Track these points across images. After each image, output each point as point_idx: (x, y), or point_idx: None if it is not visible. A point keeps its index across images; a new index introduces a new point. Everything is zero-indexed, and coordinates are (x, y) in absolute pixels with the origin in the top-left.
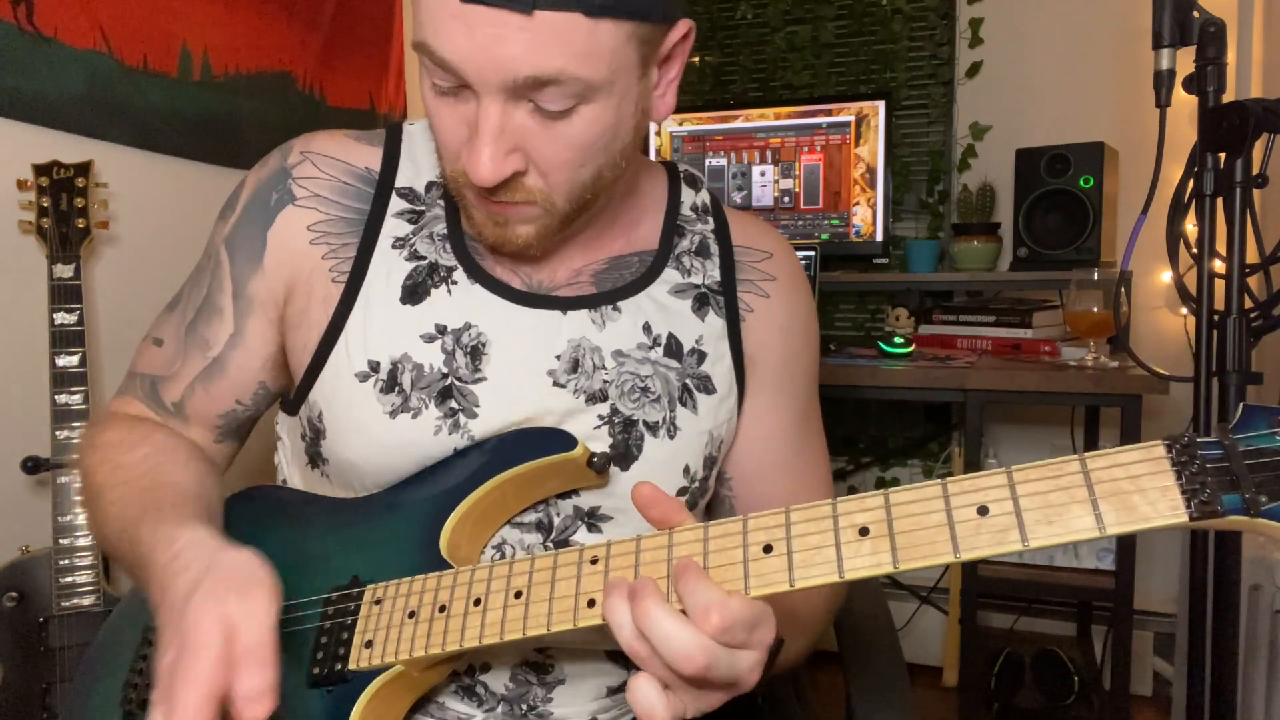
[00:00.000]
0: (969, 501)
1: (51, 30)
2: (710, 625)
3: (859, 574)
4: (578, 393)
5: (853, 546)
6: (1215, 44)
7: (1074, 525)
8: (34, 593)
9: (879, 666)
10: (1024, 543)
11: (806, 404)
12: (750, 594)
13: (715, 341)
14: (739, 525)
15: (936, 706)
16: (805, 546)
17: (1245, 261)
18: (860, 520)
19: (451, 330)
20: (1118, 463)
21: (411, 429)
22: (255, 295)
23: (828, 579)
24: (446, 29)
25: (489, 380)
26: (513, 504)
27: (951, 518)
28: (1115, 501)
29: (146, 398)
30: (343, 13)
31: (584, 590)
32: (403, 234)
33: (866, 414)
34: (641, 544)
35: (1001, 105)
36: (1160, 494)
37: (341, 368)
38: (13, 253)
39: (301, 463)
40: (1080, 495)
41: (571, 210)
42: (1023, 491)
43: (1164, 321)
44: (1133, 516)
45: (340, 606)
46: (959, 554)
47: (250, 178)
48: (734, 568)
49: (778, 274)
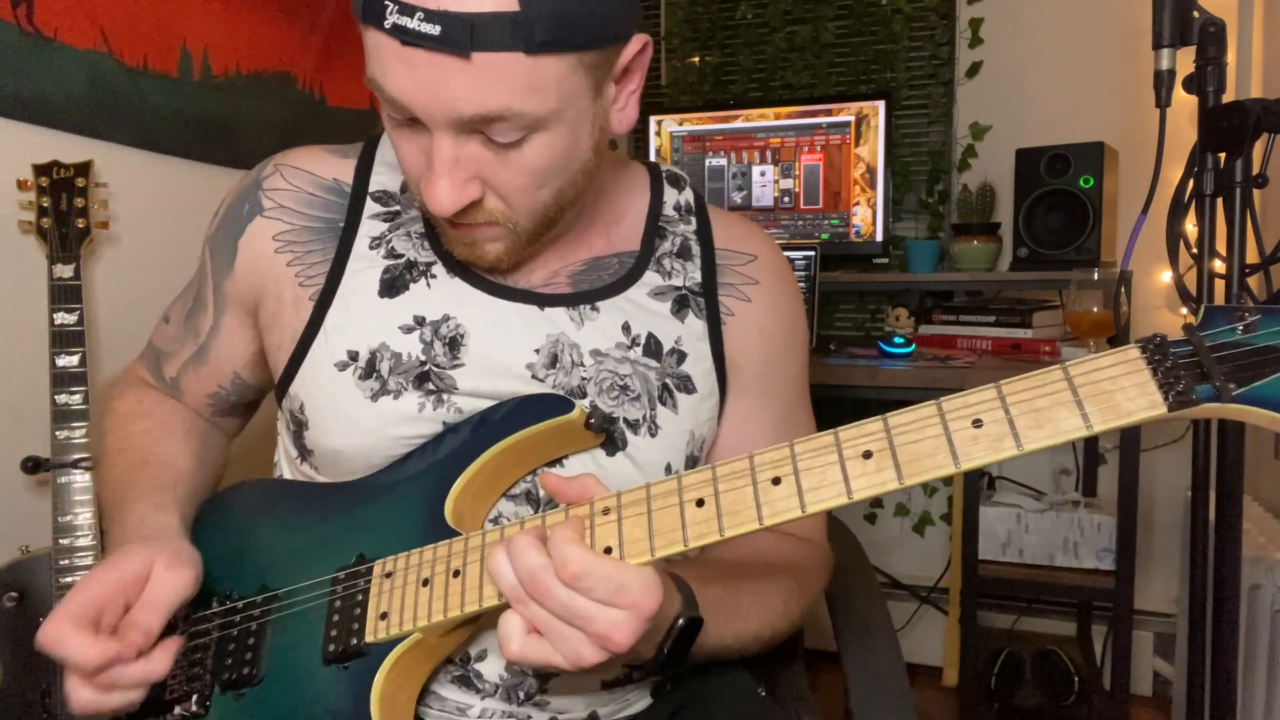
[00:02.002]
0: (963, 415)
1: (51, 30)
2: (565, 571)
3: (866, 493)
4: (557, 388)
5: (857, 466)
6: (1215, 44)
7: (1063, 426)
8: (34, 593)
9: (879, 666)
10: (1019, 447)
11: (791, 408)
12: (764, 524)
13: (695, 342)
14: (746, 463)
15: (936, 706)
16: (812, 470)
17: (1245, 261)
18: (863, 445)
19: (430, 321)
20: (1097, 367)
21: (394, 409)
22: (229, 295)
23: (838, 501)
24: (391, 69)
25: (466, 366)
26: (512, 472)
27: (949, 430)
28: (1099, 401)
29: (152, 368)
30: (343, 13)
31: (598, 541)
32: (378, 233)
33: (866, 414)
34: (651, 490)
35: (1001, 105)
36: (1138, 390)
37: (321, 359)
38: (13, 253)
39: (290, 457)
40: (1065, 399)
41: (536, 228)
42: (1012, 401)
43: (1164, 321)
44: (1116, 412)
45: (350, 584)
46: (959, 463)
47: (234, 185)
48: (745, 496)
49: (760, 277)
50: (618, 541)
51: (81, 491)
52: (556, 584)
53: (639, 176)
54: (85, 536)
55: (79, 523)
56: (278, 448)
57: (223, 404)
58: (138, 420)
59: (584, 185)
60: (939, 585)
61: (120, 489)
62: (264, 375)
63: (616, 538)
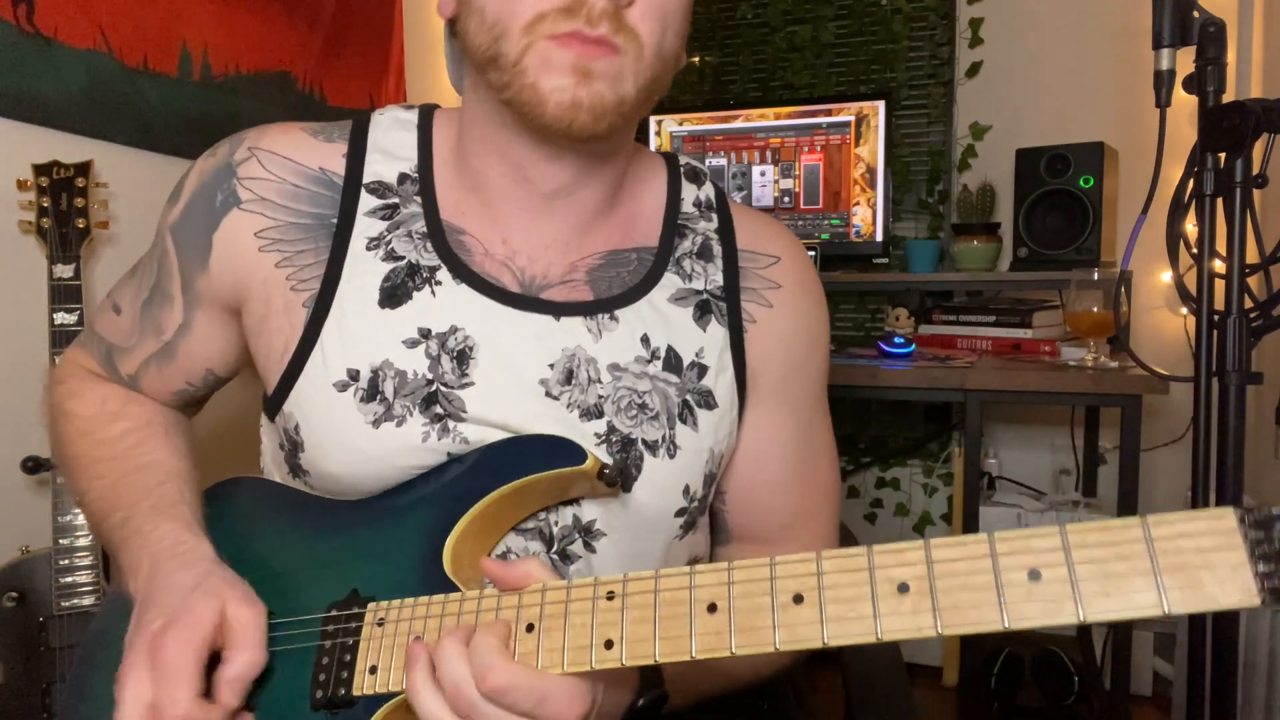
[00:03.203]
0: (1019, 564)
1: (51, 30)
2: (486, 685)
3: (897, 636)
4: (571, 406)
5: (891, 602)
6: (1215, 44)
7: (1135, 601)
8: (34, 593)
9: (879, 666)
10: (1080, 616)
11: (810, 417)
12: (780, 648)
13: (717, 353)
14: (766, 570)
15: (936, 706)
16: (839, 599)
17: (1245, 261)
18: (898, 575)
19: (436, 334)
20: (1185, 532)
21: (396, 438)
22: (202, 293)
23: (864, 638)
24: None
25: (476, 385)
26: (516, 514)
27: (999, 580)
28: (1180, 577)
29: (104, 363)
30: (343, 13)
31: (599, 635)
32: (376, 233)
33: (866, 414)
34: (660, 583)
35: (1001, 105)
36: (1230, 572)
37: (318, 379)
38: (13, 253)
39: (283, 471)
40: (1142, 566)
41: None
42: (1079, 557)
43: (1164, 321)
44: (1199, 596)
45: (342, 626)
46: (1008, 623)
47: (197, 165)
48: (762, 615)
49: (783, 280)
50: (620, 638)
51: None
52: (480, 699)
53: (656, 167)
54: (85, 536)
55: (79, 523)
56: (264, 453)
57: (189, 398)
58: (111, 422)
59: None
60: None
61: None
62: (239, 366)
63: (619, 633)
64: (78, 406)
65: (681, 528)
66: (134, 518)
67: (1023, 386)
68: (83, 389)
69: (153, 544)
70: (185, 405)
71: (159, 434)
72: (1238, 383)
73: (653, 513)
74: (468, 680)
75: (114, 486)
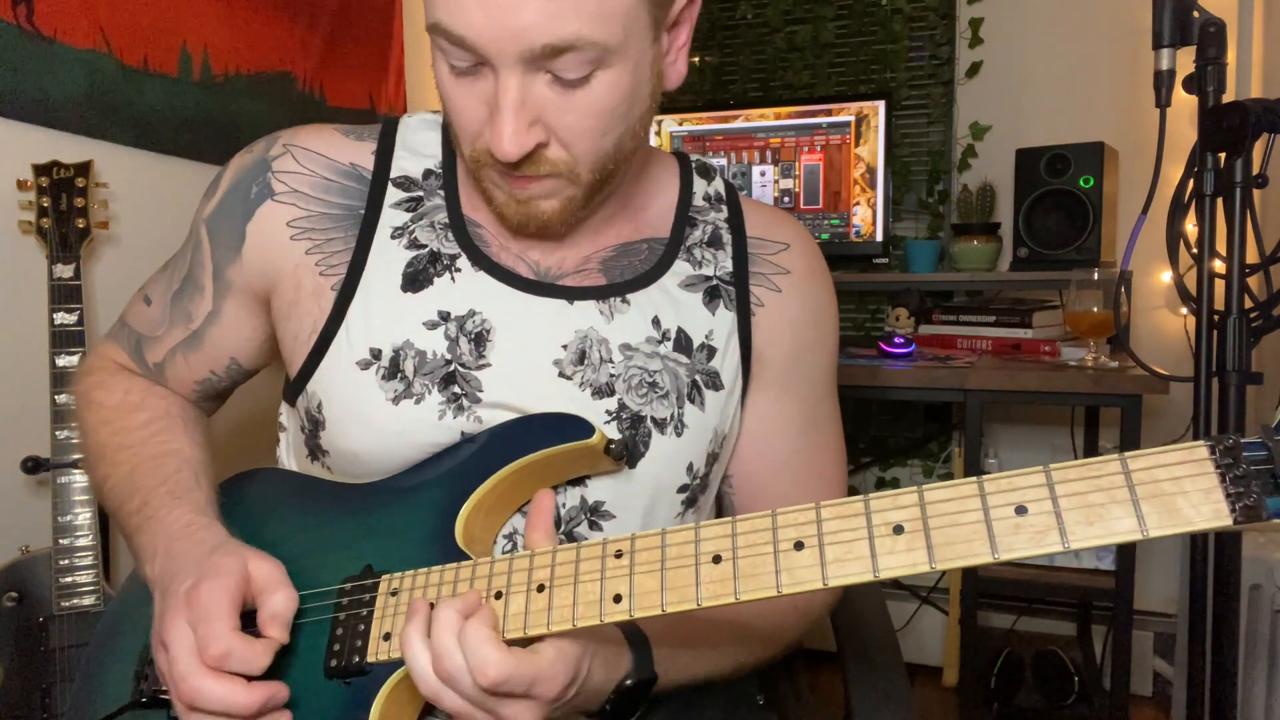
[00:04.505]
0: (1006, 500)
1: (51, 30)
2: (485, 679)
3: (894, 572)
4: (584, 385)
5: (886, 542)
6: (1215, 44)
7: (1115, 527)
8: (34, 593)
9: (879, 666)
10: (1064, 544)
11: (817, 404)
12: (782, 591)
13: (725, 336)
14: (768, 521)
15: (936, 706)
16: (838, 542)
17: (1245, 261)
18: (894, 518)
19: (455, 317)
20: (1159, 463)
21: (414, 415)
22: (233, 281)
23: (862, 577)
24: (460, 5)
25: (493, 366)
26: (527, 490)
27: (989, 516)
28: (1157, 503)
29: (132, 353)
30: (343, 13)
31: (609, 590)
32: (401, 223)
33: (866, 414)
34: (667, 538)
35: (1001, 105)
36: (1203, 496)
37: (343, 357)
38: (13, 253)
39: (302, 455)
40: (1121, 496)
41: (595, 181)
42: (1061, 491)
43: (1164, 321)
44: (1175, 519)
45: (355, 597)
46: (997, 554)
47: (235, 161)
48: (764, 561)
49: (792, 266)
50: (628, 592)
51: (81, 491)
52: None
53: (669, 166)
54: (85, 536)
55: (79, 523)
56: (280, 444)
57: (211, 390)
58: (132, 413)
59: (640, 140)
60: (939, 585)
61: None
62: (261, 360)
63: (628, 587)
64: (102, 397)
65: (684, 504)
66: (150, 503)
67: (1023, 386)
68: (109, 380)
69: (167, 526)
70: (206, 399)
71: (178, 425)
72: (1238, 383)
73: (657, 487)
74: (463, 671)
75: (132, 474)
